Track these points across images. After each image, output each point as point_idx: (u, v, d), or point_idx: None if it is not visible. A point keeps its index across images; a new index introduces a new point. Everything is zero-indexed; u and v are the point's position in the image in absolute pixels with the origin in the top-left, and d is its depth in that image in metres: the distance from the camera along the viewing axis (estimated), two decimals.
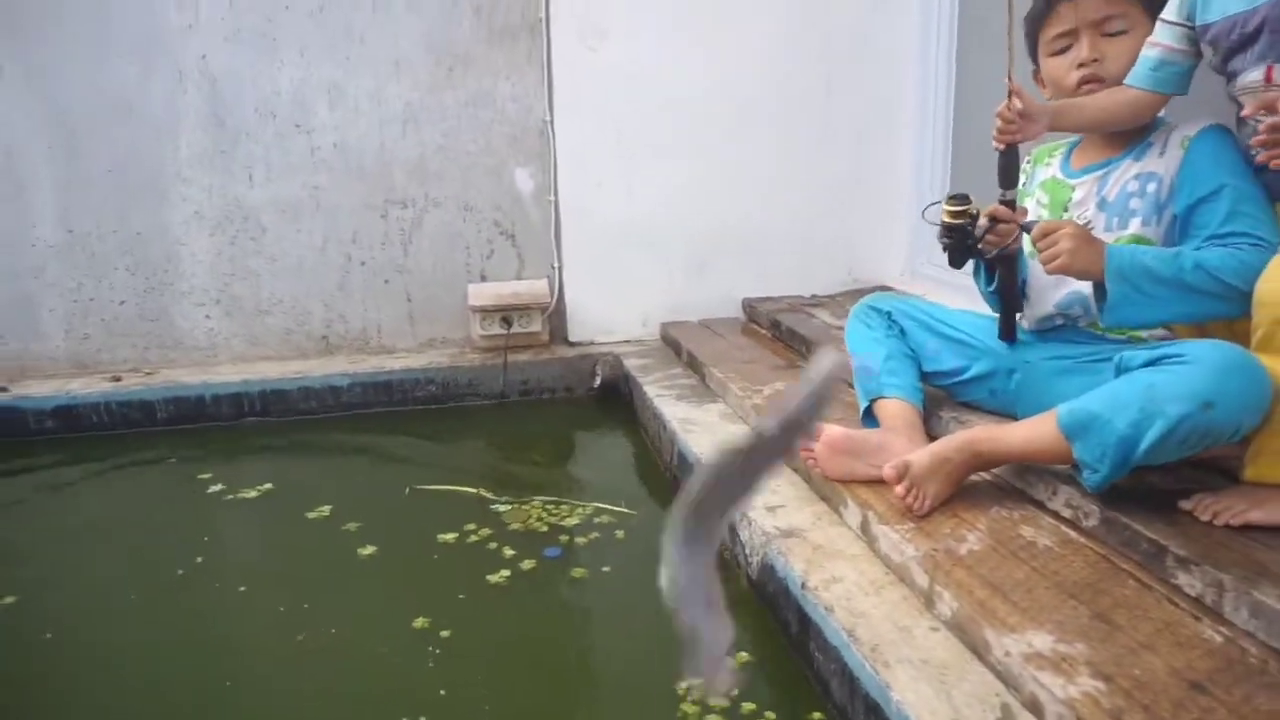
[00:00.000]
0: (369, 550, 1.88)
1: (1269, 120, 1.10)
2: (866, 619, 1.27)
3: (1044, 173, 1.67)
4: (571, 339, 2.93)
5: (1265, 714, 0.96)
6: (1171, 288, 1.35)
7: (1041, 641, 1.11)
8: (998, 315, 1.68)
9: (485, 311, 2.81)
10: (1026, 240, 1.52)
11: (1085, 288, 1.49)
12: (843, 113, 2.94)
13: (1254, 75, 1.27)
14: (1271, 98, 1.10)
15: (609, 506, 2.03)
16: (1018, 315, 1.68)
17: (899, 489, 1.45)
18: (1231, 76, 1.32)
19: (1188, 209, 1.42)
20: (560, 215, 2.87)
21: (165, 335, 2.79)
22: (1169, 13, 1.41)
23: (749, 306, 2.98)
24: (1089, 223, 1.54)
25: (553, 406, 2.80)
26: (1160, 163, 1.47)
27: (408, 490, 2.18)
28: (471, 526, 1.95)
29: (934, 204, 1.60)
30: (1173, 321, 1.47)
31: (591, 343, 2.93)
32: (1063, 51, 1.53)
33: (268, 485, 2.21)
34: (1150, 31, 1.42)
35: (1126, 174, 1.51)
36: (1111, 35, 1.47)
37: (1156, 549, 1.24)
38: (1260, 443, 1.23)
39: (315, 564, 1.87)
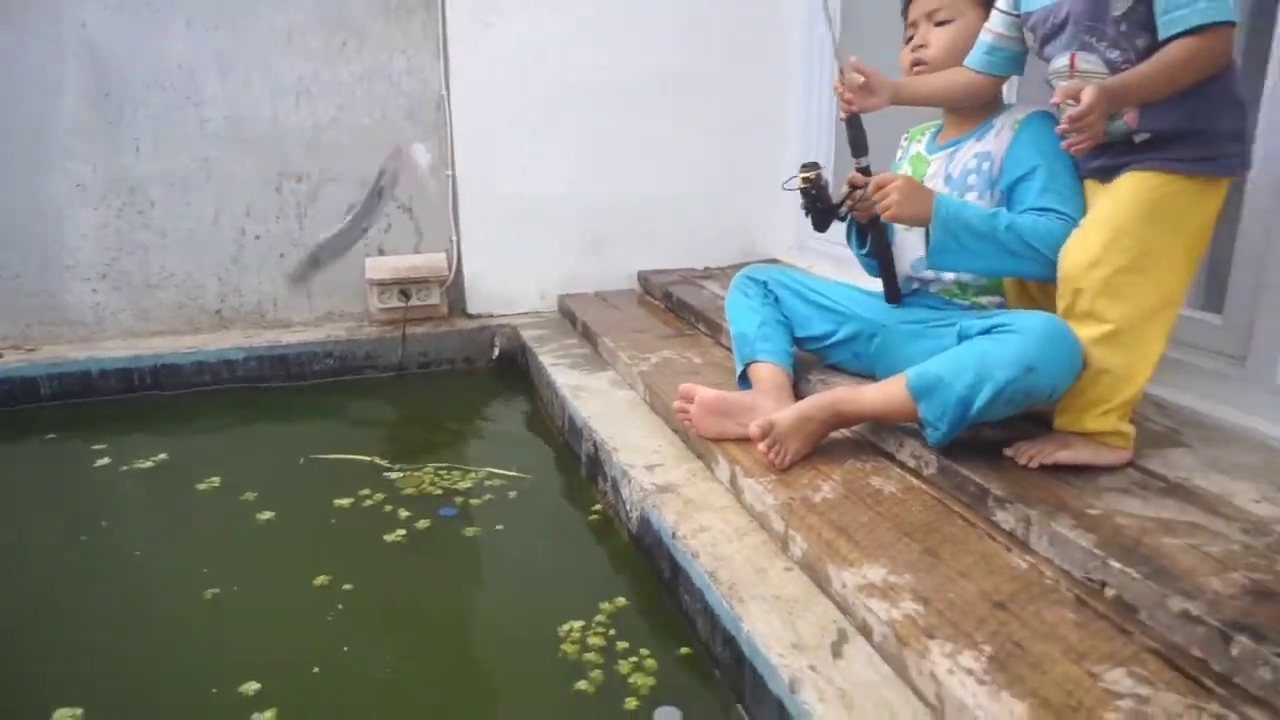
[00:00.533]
0: (266, 515, 1.92)
1: (1071, 111, 1.24)
2: (728, 562, 1.40)
3: (914, 148, 1.82)
4: (470, 311, 2.99)
5: (1048, 622, 1.12)
6: (987, 242, 1.51)
7: (875, 574, 1.25)
8: (878, 279, 1.82)
9: (383, 285, 2.83)
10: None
11: None
12: (736, 94, 3.06)
13: (1061, 61, 1.42)
14: (1074, 87, 1.24)
15: (501, 471, 2.11)
16: None
17: (761, 446, 1.58)
18: (1047, 61, 1.47)
19: (1010, 185, 1.58)
20: (458, 189, 2.91)
21: (48, 311, 2.72)
22: (1000, 2, 1.55)
23: (643, 279, 3.09)
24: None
25: (451, 378, 2.85)
26: (994, 143, 1.63)
27: (302, 460, 2.22)
28: (366, 491, 2.01)
29: (792, 176, 1.72)
30: (987, 273, 1.64)
31: (490, 315, 2.99)
32: (910, 40, 1.68)
33: (162, 456, 2.22)
34: (982, 20, 1.57)
35: (969, 152, 1.67)
36: (940, 24, 1.64)
37: (980, 491, 1.40)
38: (1066, 399, 1.40)
39: (214, 529, 1.90)
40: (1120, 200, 1.36)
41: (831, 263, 2.98)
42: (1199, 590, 1.08)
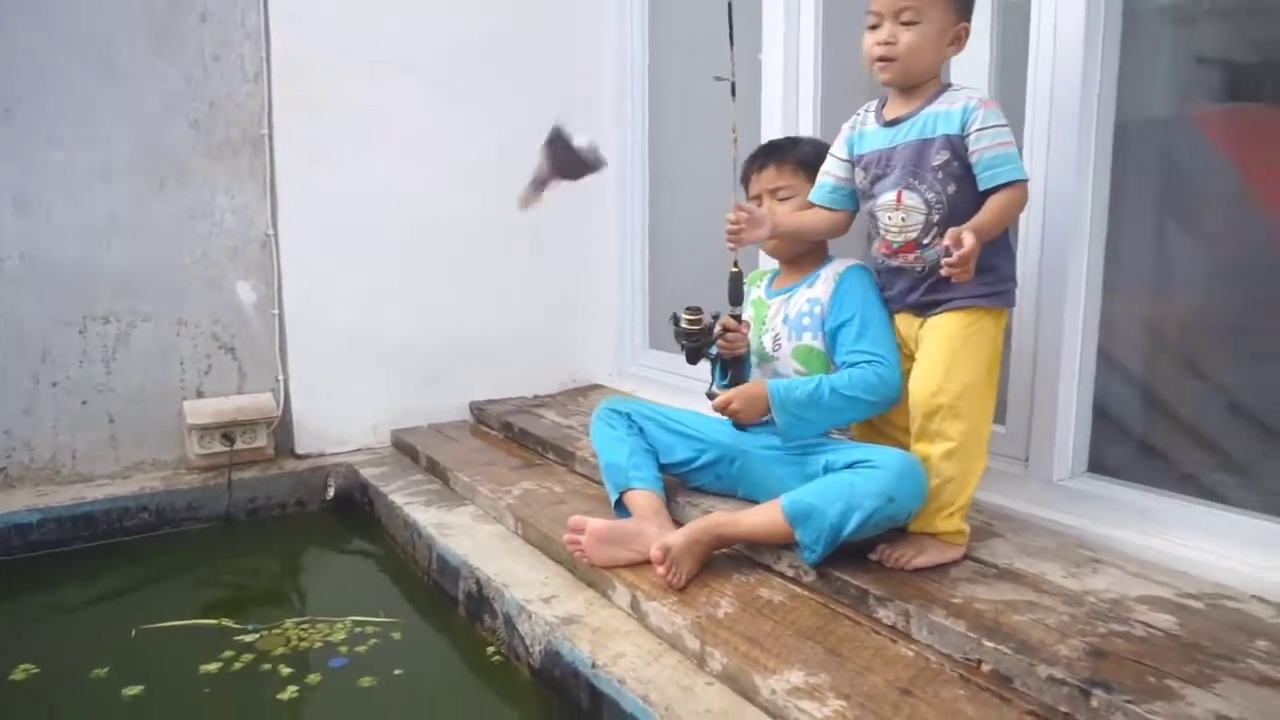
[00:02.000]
0: (134, 691, 1.73)
1: (960, 253, 1.51)
2: (655, 684, 1.49)
3: (754, 293, 2.08)
4: (299, 451, 2.87)
5: (946, 700, 1.32)
6: (819, 409, 1.80)
7: (796, 678, 1.40)
8: None
9: (204, 429, 2.67)
10: (751, 341, 1.93)
11: None
12: (556, 233, 3.27)
13: (889, 196, 1.74)
14: (956, 234, 1.52)
15: (368, 618, 2.05)
16: None
17: (661, 569, 1.70)
18: (873, 197, 1.77)
19: (833, 329, 1.88)
20: (285, 327, 2.84)
21: None
22: (837, 150, 1.88)
23: (477, 409, 3.14)
24: (777, 333, 1.96)
25: (284, 523, 2.71)
26: (821, 289, 1.93)
27: (134, 632, 2.01)
28: (229, 653, 1.87)
29: (675, 314, 1.92)
30: (834, 427, 1.91)
31: (321, 454, 2.89)
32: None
33: None
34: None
35: (802, 298, 1.96)
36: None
37: (861, 592, 1.61)
38: None
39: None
40: (944, 338, 1.68)
41: (653, 386, 3.23)
42: (1054, 657, 1.34)
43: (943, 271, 1.56)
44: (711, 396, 1.88)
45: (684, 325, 1.87)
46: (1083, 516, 1.86)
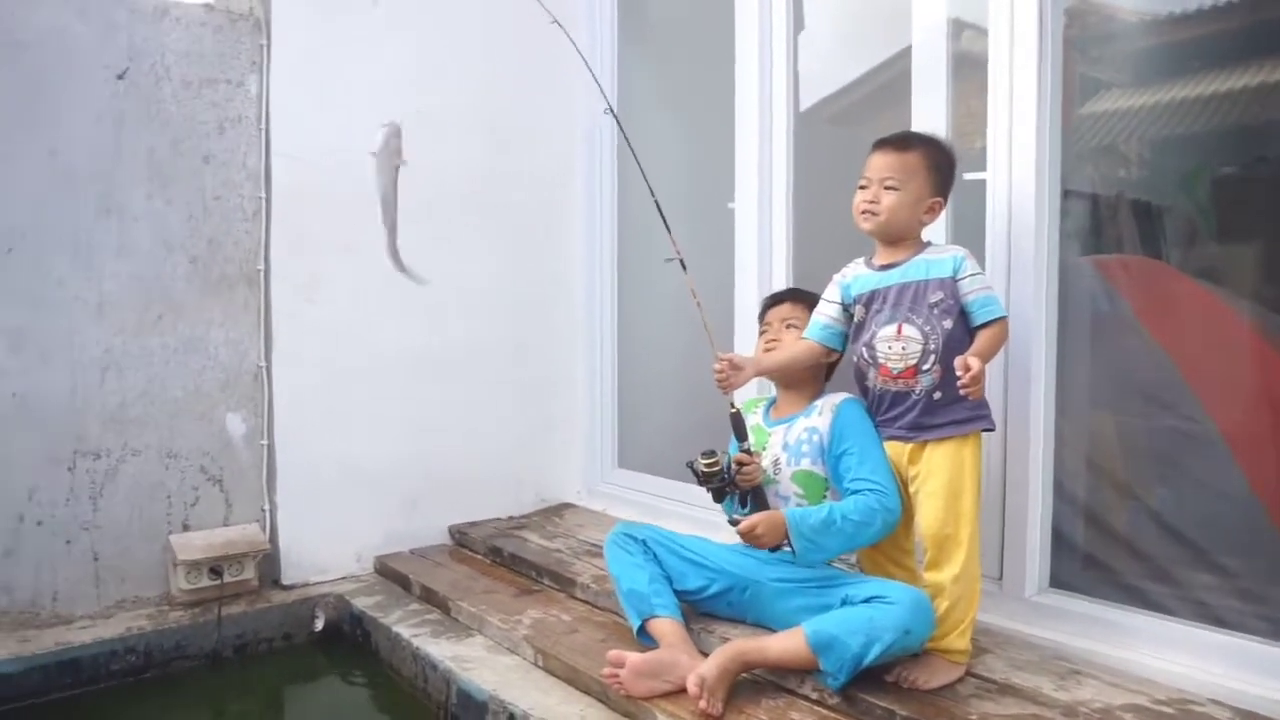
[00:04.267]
0: None
1: (970, 374, 1.77)
2: None
3: (751, 419, 2.29)
4: (285, 582, 2.86)
5: None
6: (833, 535, 2.00)
7: None
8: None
9: (193, 564, 2.64)
10: (766, 472, 2.14)
11: None
12: (529, 358, 3.43)
13: (890, 329, 2.00)
14: (963, 362, 1.78)
15: None
16: None
17: (701, 702, 1.84)
18: (872, 330, 2.02)
19: (834, 458, 2.11)
20: (275, 458, 2.86)
21: None
22: (829, 295, 2.15)
23: (458, 533, 3.20)
24: (778, 458, 2.17)
25: (273, 659, 2.67)
26: (819, 420, 2.16)
27: None
28: None
29: (691, 462, 2.10)
30: (845, 551, 2.12)
31: (306, 584, 2.89)
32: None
33: None
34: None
35: (801, 427, 2.18)
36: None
37: (887, 713, 1.80)
38: None
39: None
40: (943, 474, 1.93)
41: (623, 504, 3.38)
42: None
43: (960, 388, 1.81)
44: (734, 523, 2.06)
45: (703, 469, 2.06)
46: (1055, 630, 2.12)
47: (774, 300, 2.39)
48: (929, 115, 2.36)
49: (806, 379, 2.25)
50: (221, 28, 2.79)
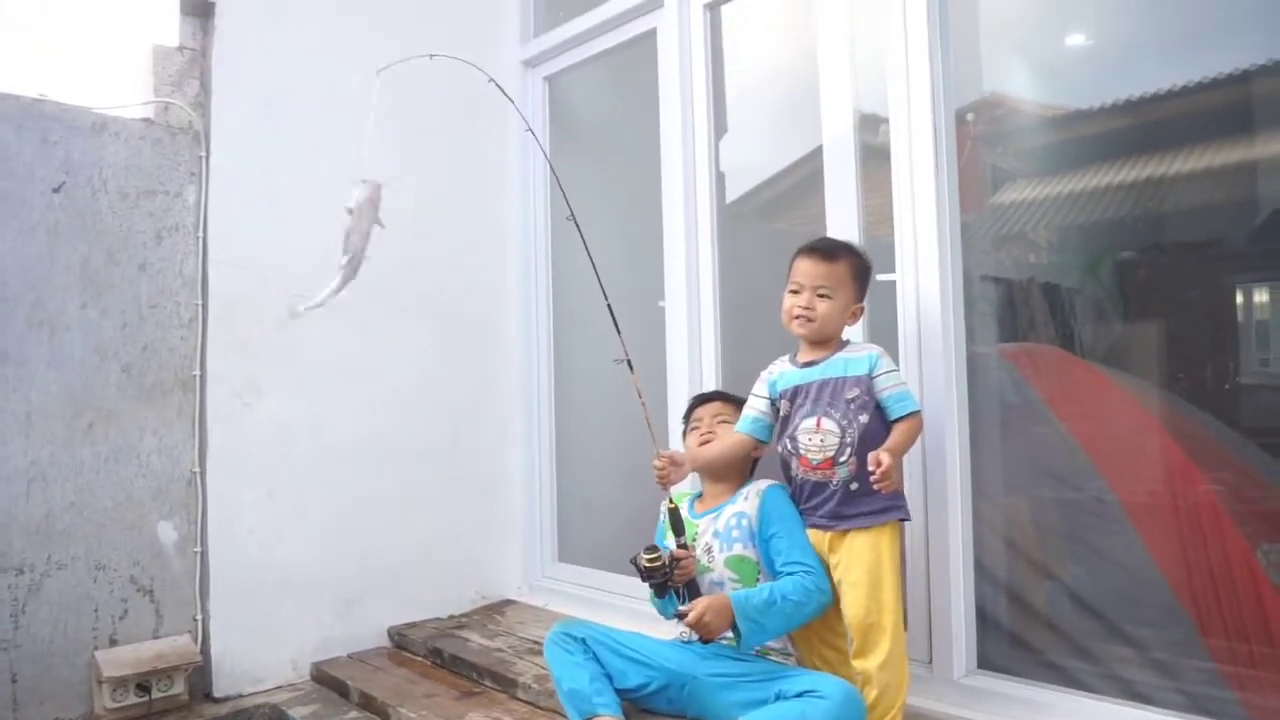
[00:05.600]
0: None
1: (881, 470, 1.89)
2: None
3: (680, 505, 2.34)
4: (217, 694, 2.78)
5: None
6: (774, 615, 2.07)
7: None
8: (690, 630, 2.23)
9: (120, 681, 2.56)
10: (700, 561, 2.21)
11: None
12: (465, 453, 3.46)
13: (810, 421, 2.10)
14: (876, 457, 1.90)
15: None
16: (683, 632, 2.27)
17: None
18: (795, 423, 2.13)
19: (764, 541, 2.19)
20: (209, 565, 2.82)
21: None
22: (758, 390, 2.26)
23: (397, 634, 3.16)
24: (709, 545, 2.24)
25: None
26: (746, 505, 2.25)
27: None
28: None
29: (636, 555, 2.15)
30: (785, 631, 2.17)
31: (240, 695, 2.81)
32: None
33: None
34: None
35: (729, 513, 2.27)
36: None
37: None
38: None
39: None
40: (863, 564, 2.02)
41: (564, 599, 3.39)
42: None
43: (873, 482, 1.93)
44: (681, 616, 2.09)
45: (645, 564, 2.11)
46: (984, 712, 2.19)
47: (703, 399, 2.51)
48: (841, 207, 2.53)
49: (733, 472, 2.35)
50: (160, 141, 2.85)
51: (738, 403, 2.38)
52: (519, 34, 3.68)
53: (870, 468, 1.92)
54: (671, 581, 2.15)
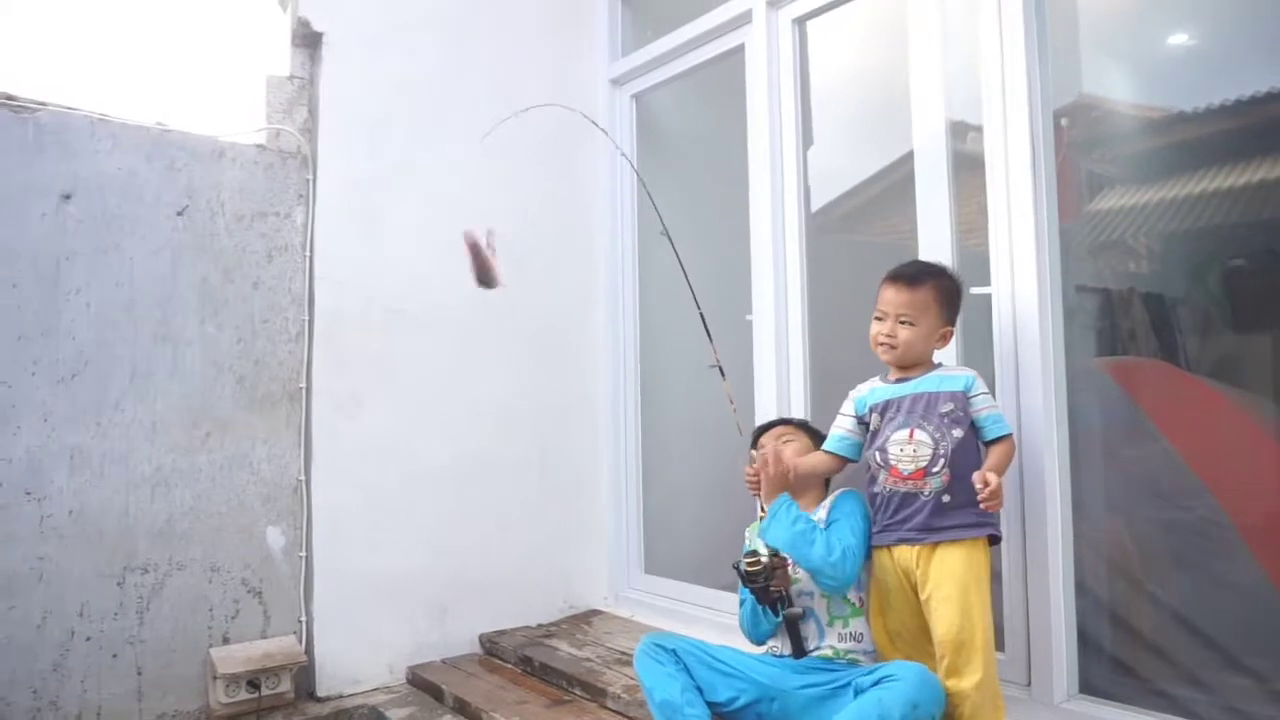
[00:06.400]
0: None
1: (989, 490, 1.90)
2: None
3: (757, 541, 2.34)
4: (320, 694, 2.90)
5: None
6: (794, 535, 2.13)
7: None
8: (781, 642, 2.28)
9: (233, 677, 2.70)
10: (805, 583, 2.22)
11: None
12: (555, 467, 3.53)
13: (903, 433, 2.09)
14: (982, 477, 1.92)
15: None
16: (773, 647, 2.28)
17: None
18: (885, 435, 2.12)
19: (828, 526, 2.19)
20: (312, 570, 2.95)
21: None
22: (846, 410, 2.26)
23: (488, 642, 3.24)
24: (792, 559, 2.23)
25: None
26: (823, 514, 2.25)
27: None
28: None
29: (737, 560, 2.18)
30: (783, 544, 2.16)
31: (340, 695, 2.93)
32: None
33: None
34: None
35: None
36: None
37: None
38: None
39: None
40: (955, 579, 1.98)
41: (650, 610, 3.41)
42: None
43: (980, 500, 1.93)
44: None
45: (746, 569, 2.14)
46: None
47: (765, 427, 2.53)
48: (933, 216, 2.51)
49: (813, 486, 2.37)
50: (272, 165, 3.02)
51: (799, 425, 2.43)
52: (607, 54, 3.76)
53: (977, 485, 1.92)
54: (773, 587, 2.15)
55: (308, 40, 3.12)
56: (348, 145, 3.14)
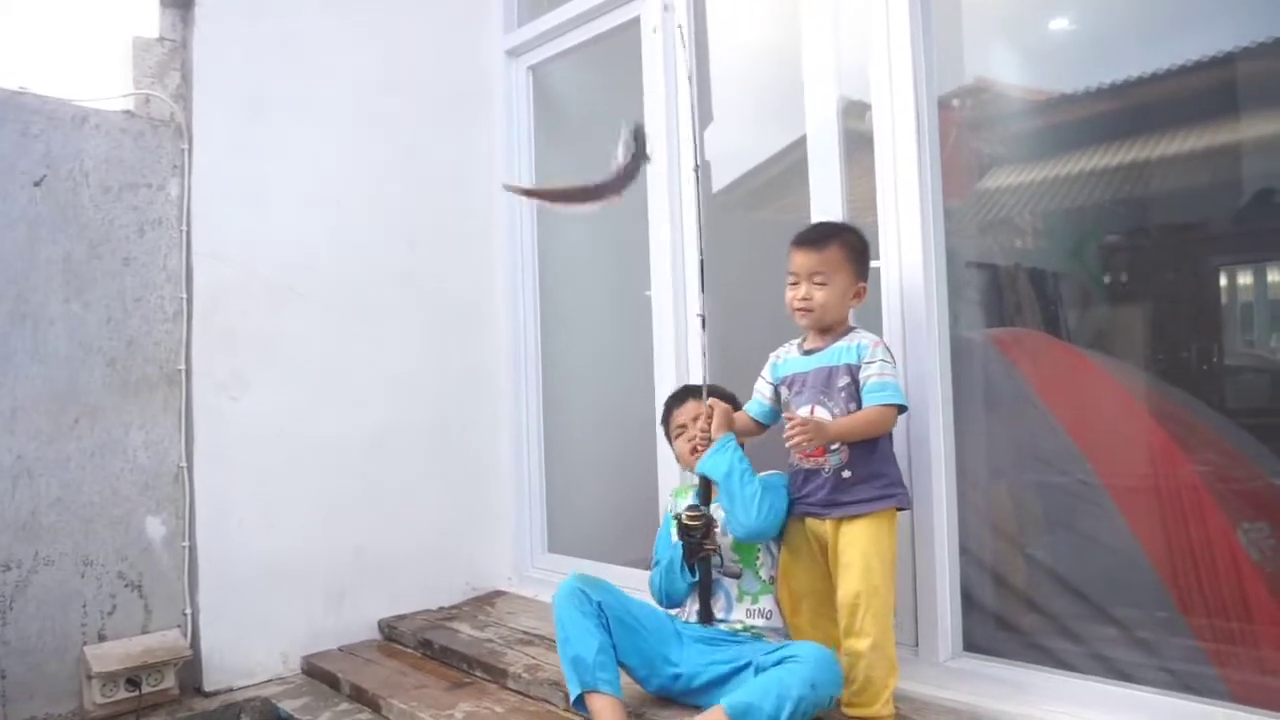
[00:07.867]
0: None
1: (790, 425, 1.96)
2: None
3: (683, 504, 2.31)
4: (207, 688, 2.78)
5: None
6: (729, 475, 2.14)
7: None
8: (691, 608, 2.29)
9: (109, 676, 2.55)
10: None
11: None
12: (455, 443, 3.46)
13: (805, 409, 2.12)
14: (791, 414, 2.01)
15: None
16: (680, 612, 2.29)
17: None
18: (792, 409, 2.15)
19: None
20: (197, 559, 2.81)
21: None
22: (764, 374, 2.28)
23: (387, 627, 3.16)
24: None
25: None
26: None
27: None
28: None
29: (679, 511, 2.18)
30: (715, 471, 2.18)
31: (230, 689, 2.81)
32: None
33: None
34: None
35: None
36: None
37: None
38: (861, 697, 2.00)
39: None
40: (858, 548, 2.02)
41: (553, 589, 3.32)
42: None
43: (785, 438, 1.99)
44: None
45: (686, 520, 2.13)
46: (970, 694, 2.20)
47: (674, 401, 2.51)
48: (825, 195, 2.53)
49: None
50: (142, 133, 2.84)
51: (715, 394, 2.36)
52: (502, 24, 3.67)
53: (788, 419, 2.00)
54: (704, 547, 2.15)
55: (178, 0, 2.93)
56: (227, 113, 2.97)
